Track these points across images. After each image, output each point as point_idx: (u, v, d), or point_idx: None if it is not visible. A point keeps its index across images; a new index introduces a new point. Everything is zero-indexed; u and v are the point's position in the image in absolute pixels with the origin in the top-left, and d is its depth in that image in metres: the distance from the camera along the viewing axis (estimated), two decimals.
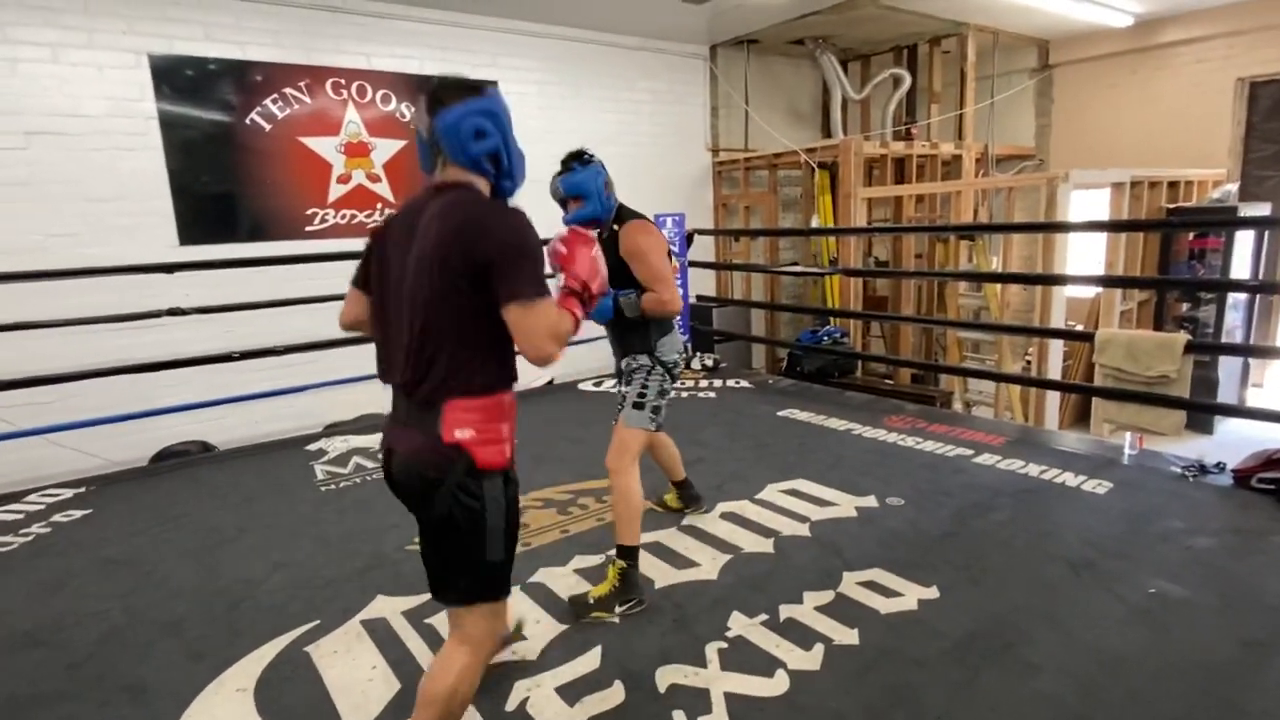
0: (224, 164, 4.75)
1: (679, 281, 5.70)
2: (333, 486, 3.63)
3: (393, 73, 5.27)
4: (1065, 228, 5.09)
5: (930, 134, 7.13)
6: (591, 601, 2.31)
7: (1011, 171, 7.63)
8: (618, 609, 2.30)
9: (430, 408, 1.49)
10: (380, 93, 5.23)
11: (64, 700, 2.04)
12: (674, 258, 5.63)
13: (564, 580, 2.54)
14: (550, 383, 5.90)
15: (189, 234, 4.67)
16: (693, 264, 5.87)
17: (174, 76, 4.53)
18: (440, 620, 2.30)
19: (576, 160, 2.55)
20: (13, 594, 2.67)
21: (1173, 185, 6.38)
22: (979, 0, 5.92)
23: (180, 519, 3.30)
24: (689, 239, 5.88)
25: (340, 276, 5.43)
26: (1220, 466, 3.26)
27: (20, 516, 3.41)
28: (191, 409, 4.46)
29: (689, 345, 5.94)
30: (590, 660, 2.08)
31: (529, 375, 5.93)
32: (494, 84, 5.95)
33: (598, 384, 5.50)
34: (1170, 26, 6.65)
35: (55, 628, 2.42)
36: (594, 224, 2.56)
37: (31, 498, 3.65)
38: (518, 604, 2.39)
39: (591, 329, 2.56)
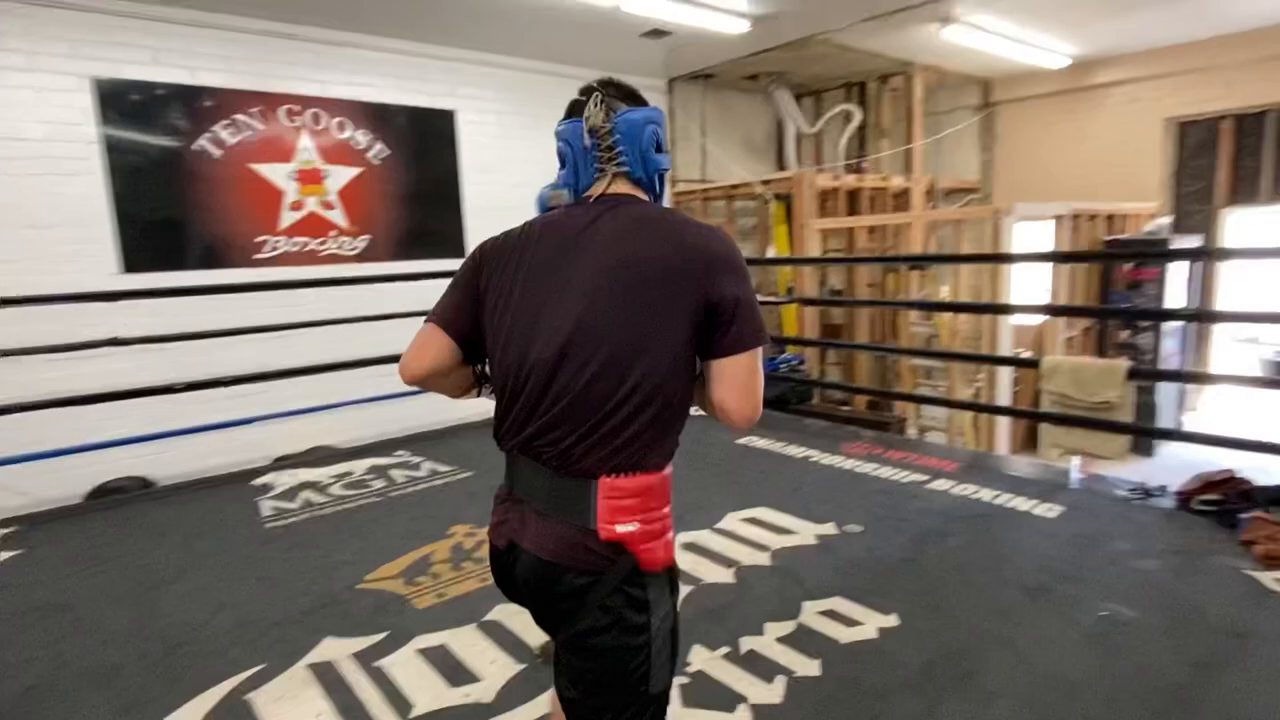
0: (171, 190, 4.62)
1: None
2: (279, 523, 3.50)
3: (349, 100, 5.23)
4: (1010, 259, 5.28)
5: (881, 167, 7.35)
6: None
7: (958, 204, 7.89)
8: None
9: (577, 481, 1.14)
10: (336, 120, 5.18)
11: None
12: None
13: (521, 618, 2.47)
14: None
15: (133, 261, 4.52)
16: None
17: (120, 101, 4.41)
18: (394, 662, 2.22)
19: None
20: None
21: (1110, 218, 6.68)
22: (924, 41, 6.16)
23: (115, 559, 3.14)
24: None
25: (293, 305, 5.32)
26: (1162, 489, 3.36)
27: None
28: (130, 443, 4.28)
29: None
30: (547, 702, 2.02)
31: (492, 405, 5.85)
32: (452, 114, 5.89)
33: None
34: (1103, 68, 7.01)
35: None
36: None
37: None
38: (473, 641, 2.32)
39: None
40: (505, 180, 6.00)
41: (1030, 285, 6.63)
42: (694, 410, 1.26)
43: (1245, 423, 6.36)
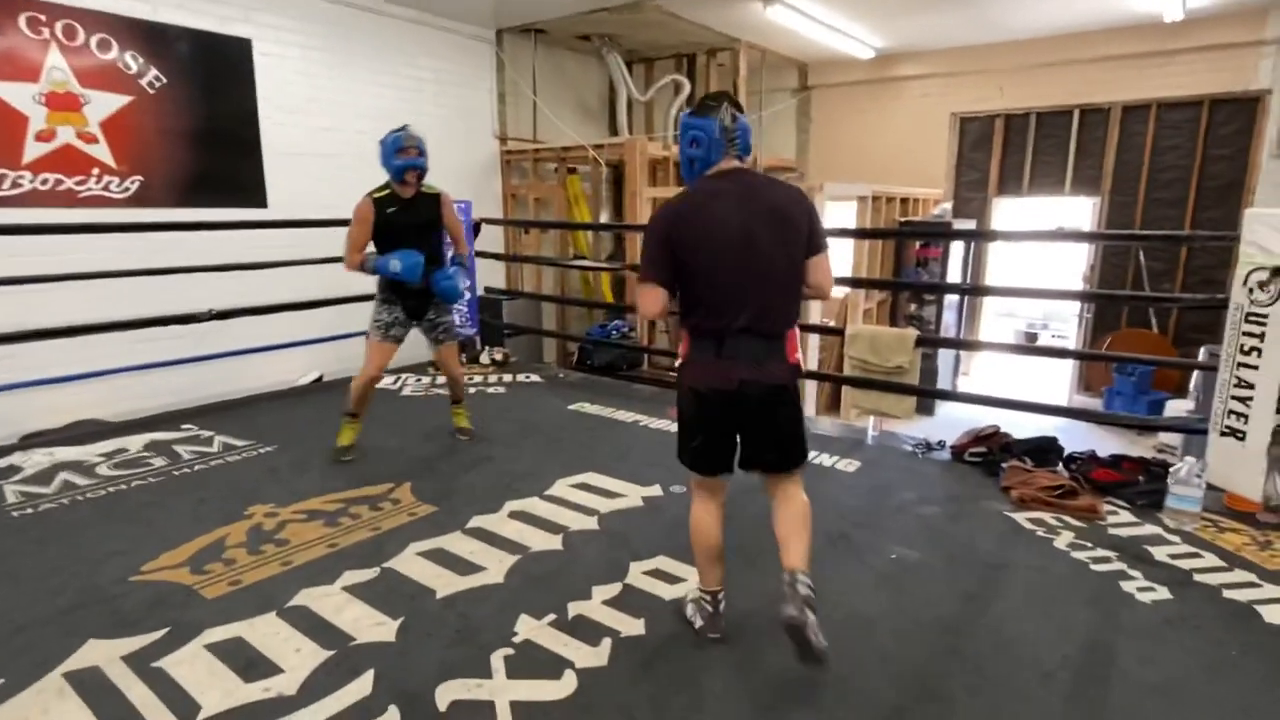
0: None
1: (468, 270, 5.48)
2: (29, 510, 2.97)
3: (112, 14, 4.42)
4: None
5: None
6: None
7: None
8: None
9: (777, 339, 1.95)
10: (97, 36, 4.37)
11: None
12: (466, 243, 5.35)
13: (330, 600, 2.28)
14: (319, 379, 5.37)
15: None
16: (480, 254, 5.66)
17: None
18: (176, 660, 1.96)
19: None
20: None
21: (904, 201, 7.37)
22: (749, 19, 6.36)
23: None
24: (476, 228, 5.66)
25: (43, 255, 4.50)
26: (941, 444, 3.79)
27: None
28: None
29: (478, 339, 5.73)
30: (361, 686, 1.88)
31: (291, 373, 5.35)
32: (248, 42, 5.21)
33: None
34: (901, 63, 7.67)
35: None
36: None
37: None
38: (274, 630, 2.11)
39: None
40: (312, 123, 5.42)
41: (837, 260, 7.18)
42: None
43: (1005, 384, 7.39)
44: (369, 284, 3.59)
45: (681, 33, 6.92)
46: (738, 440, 2.02)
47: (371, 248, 3.41)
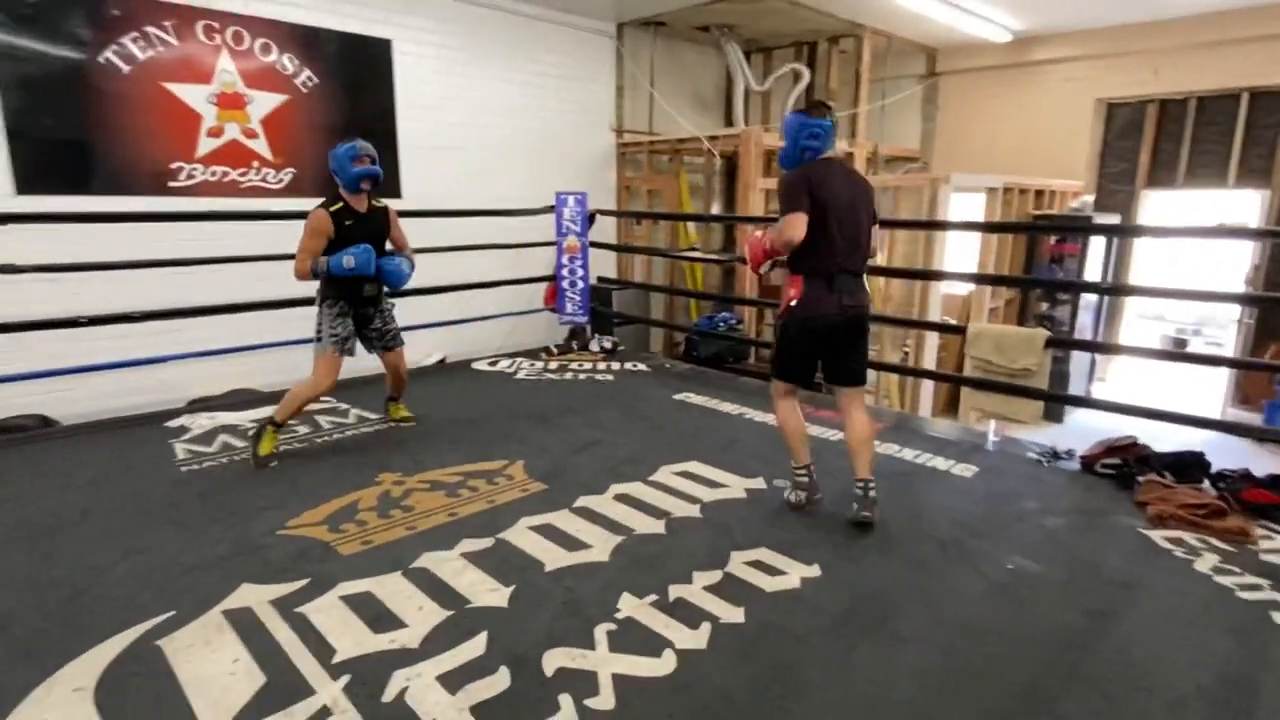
0: (73, 106, 4.24)
1: (580, 262, 5.64)
2: (195, 466, 3.34)
3: (273, 20, 4.86)
4: (944, 226, 5.40)
5: None
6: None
7: (898, 172, 8.02)
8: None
9: (860, 278, 2.73)
10: (260, 41, 4.82)
11: None
12: (574, 236, 5.51)
13: (449, 565, 2.44)
14: (442, 361, 5.70)
15: (28, 183, 4.14)
16: (593, 245, 5.80)
17: (12, 2, 3.99)
18: (315, 608, 2.17)
19: None
20: None
21: (1039, 193, 6.90)
22: (875, 4, 6.14)
23: (11, 500, 2.95)
24: (591, 219, 5.81)
25: (212, 239, 5.00)
26: (1070, 453, 3.55)
27: None
28: (29, 378, 3.99)
29: (589, 327, 5.88)
30: (475, 646, 2.01)
31: (417, 355, 5.70)
32: (389, 43, 5.56)
33: (492, 363, 5.35)
34: (1042, 46, 7.16)
35: None
36: None
37: None
38: (400, 589, 2.29)
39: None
40: (443, 118, 5.74)
41: (961, 256, 6.84)
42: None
43: (1147, 393, 6.79)
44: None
45: (802, 20, 6.79)
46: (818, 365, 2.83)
47: None
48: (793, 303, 2.70)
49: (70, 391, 4.30)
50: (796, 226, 2.54)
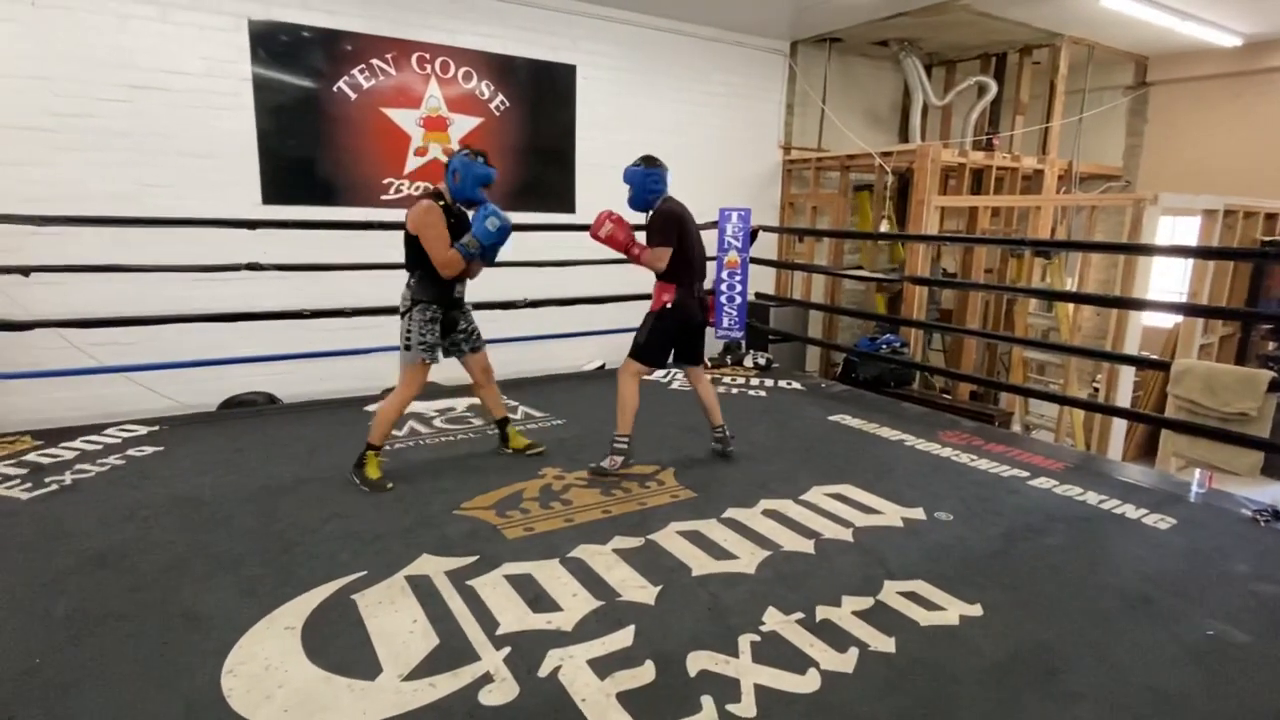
0: (309, 129, 4.92)
1: (740, 277, 5.68)
2: (386, 447, 3.74)
3: (476, 50, 5.37)
4: (1150, 250, 4.87)
5: (1012, 146, 6.90)
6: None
7: (1096, 191, 7.33)
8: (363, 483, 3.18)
9: (703, 285, 3.52)
10: (462, 70, 5.34)
11: (126, 620, 2.17)
12: (735, 251, 5.56)
13: (602, 558, 2.57)
14: (602, 366, 5.95)
15: (272, 194, 4.86)
16: (754, 261, 5.82)
17: (270, 41, 4.71)
18: (483, 583, 2.36)
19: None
20: (87, 518, 2.84)
21: (1270, 216, 6.04)
22: (1078, 11, 5.69)
23: (244, 464, 3.46)
24: (753, 235, 5.83)
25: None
26: None
27: (99, 448, 3.63)
28: (260, 361, 4.66)
29: (744, 342, 5.90)
30: (623, 637, 2.10)
31: (580, 359, 5.99)
32: (573, 68, 5.91)
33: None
34: (1278, 51, 6.28)
35: (123, 553, 2.57)
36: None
37: (110, 431, 3.87)
38: (556, 575, 2.44)
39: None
40: (615, 137, 6.02)
41: (1167, 285, 6.12)
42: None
43: None
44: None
45: (990, 31, 6.43)
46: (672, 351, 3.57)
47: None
48: (668, 305, 3.42)
49: (291, 374, 4.96)
50: (665, 259, 3.34)
